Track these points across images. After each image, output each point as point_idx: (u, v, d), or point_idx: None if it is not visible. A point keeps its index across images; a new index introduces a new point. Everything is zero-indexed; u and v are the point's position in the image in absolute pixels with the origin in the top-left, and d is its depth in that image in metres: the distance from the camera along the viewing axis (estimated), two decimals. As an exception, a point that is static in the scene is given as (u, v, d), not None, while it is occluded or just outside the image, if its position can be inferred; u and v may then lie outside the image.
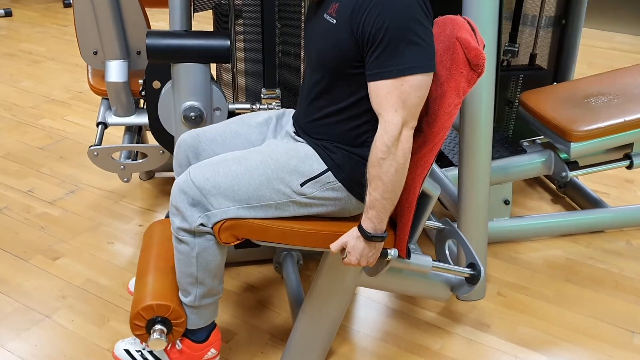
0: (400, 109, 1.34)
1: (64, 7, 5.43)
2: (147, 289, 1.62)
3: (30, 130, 3.24)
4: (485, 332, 2.00)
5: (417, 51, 1.34)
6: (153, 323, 1.58)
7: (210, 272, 1.56)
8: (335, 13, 1.42)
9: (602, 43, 4.85)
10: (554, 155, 2.33)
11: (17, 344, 1.89)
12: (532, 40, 2.67)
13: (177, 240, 1.53)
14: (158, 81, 1.99)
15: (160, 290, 1.62)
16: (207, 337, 1.66)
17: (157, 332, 1.57)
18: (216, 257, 1.54)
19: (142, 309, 1.57)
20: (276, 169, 1.49)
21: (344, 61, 1.42)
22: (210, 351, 1.67)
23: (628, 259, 2.38)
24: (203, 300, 1.59)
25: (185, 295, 1.60)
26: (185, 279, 1.57)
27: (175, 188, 1.49)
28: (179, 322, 1.60)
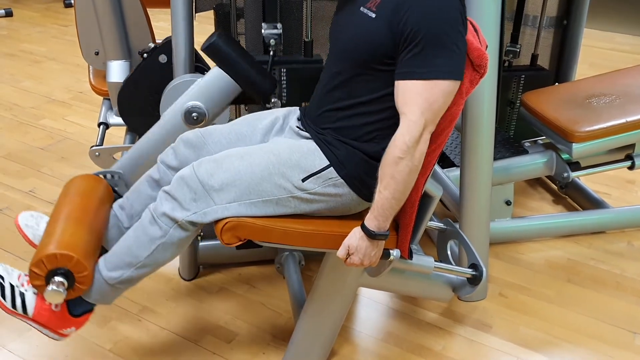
0: (427, 111, 1.36)
1: (64, 7, 5.43)
2: (69, 238, 1.50)
3: (31, 130, 3.24)
4: (487, 333, 2.00)
5: (452, 58, 1.36)
6: (56, 274, 1.46)
7: (155, 265, 1.54)
8: (376, 7, 1.43)
9: (603, 43, 4.85)
10: (556, 156, 2.33)
11: (19, 344, 1.89)
12: (534, 41, 2.67)
13: (152, 221, 1.50)
14: (165, 56, 1.98)
15: (83, 247, 1.51)
16: (81, 314, 1.57)
17: (59, 285, 1.45)
18: (172, 254, 1.54)
19: (61, 255, 1.44)
20: (278, 163, 1.49)
21: (375, 56, 1.43)
22: (71, 328, 1.57)
23: (629, 259, 2.38)
24: (120, 284, 1.55)
25: (110, 268, 1.54)
26: (127, 257, 1.53)
27: (177, 179, 1.49)
28: (80, 288, 1.50)
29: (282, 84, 2.15)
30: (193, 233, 1.52)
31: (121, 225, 1.70)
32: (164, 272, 2.22)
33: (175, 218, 1.48)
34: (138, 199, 1.70)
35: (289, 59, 2.17)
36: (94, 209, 1.66)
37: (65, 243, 1.48)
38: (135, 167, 1.88)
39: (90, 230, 1.58)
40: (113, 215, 1.72)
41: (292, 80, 2.13)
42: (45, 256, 1.45)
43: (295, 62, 2.16)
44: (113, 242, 1.65)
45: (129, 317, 2.01)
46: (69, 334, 1.57)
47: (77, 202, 1.65)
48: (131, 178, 1.87)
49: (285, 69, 2.12)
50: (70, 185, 1.74)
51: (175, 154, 1.66)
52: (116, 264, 1.54)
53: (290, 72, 2.12)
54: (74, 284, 1.49)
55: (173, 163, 1.66)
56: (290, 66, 2.12)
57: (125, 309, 2.04)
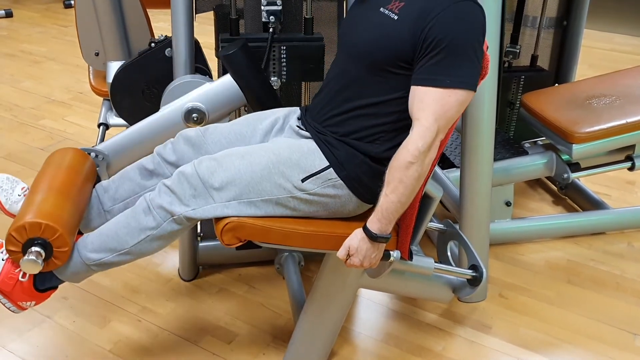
0: (440, 118, 1.36)
1: (64, 8, 5.43)
2: (54, 209, 1.45)
3: (31, 131, 3.24)
4: (487, 334, 2.00)
5: (471, 69, 1.38)
6: (34, 243, 1.41)
7: (138, 255, 1.53)
8: (398, 10, 1.44)
9: (602, 44, 4.85)
10: (556, 157, 2.33)
11: (19, 344, 1.89)
12: (534, 42, 2.67)
13: (147, 211, 1.50)
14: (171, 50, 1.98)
15: (67, 222, 1.46)
16: (45, 290, 1.54)
17: (36, 255, 1.40)
18: (158, 247, 1.53)
19: (46, 226, 1.39)
20: (278, 162, 1.49)
21: (392, 59, 1.43)
22: (31, 302, 1.53)
23: (629, 260, 2.38)
24: (96, 267, 1.53)
25: (90, 250, 1.52)
26: (112, 242, 1.51)
27: (178, 174, 1.49)
28: (55, 262, 1.45)
29: (282, 62, 2.13)
30: (185, 229, 1.52)
31: (101, 207, 1.68)
32: (163, 272, 2.23)
33: (172, 211, 1.48)
34: (125, 184, 1.68)
35: (289, 37, 2.14)
36: (79, 184, 1.61)
37: (50, 214, 1.43)
38: (122, 152, 1.86)
39: (75, 206, 1.53)
40: (94, 195, 1.69)
41: (292, 58, 2.11)
42: (28, 223, 1.39)
43: (296, 40, 2.14)
44: (90, 222, 1.64)
45: (129, 317, 2.01)
46: (27, 307, 1.53)
47: (63, 174, 1.59)
48: (114, 162, 1.86)
49: (285, 46, 2.10)
50: (57, 155, 1.69)
51: (173, 148, 1.66)
52: (99, 247, 1.52)
53: (290, 50, 2.09)
54: (50, 257, 1.44)
55: (170, 157, 1.65)
56: (290, 44, 2.10)
57: (125, 310, 2.04)
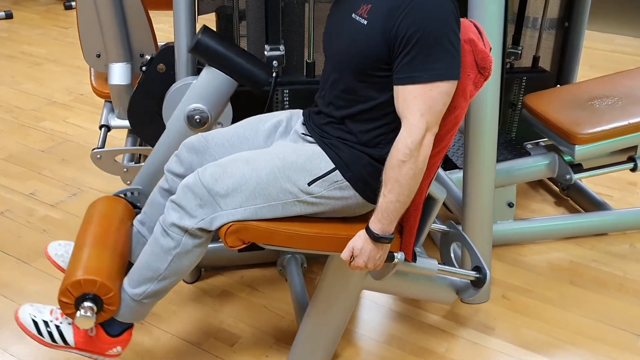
0: (427, 113, 1.35)
1: (64, 9, 5.42)
2: (91, 262, 1.53)
3: (32, 132, 3.24)
4: (490, 335, 2.00)
5: (448, 59, 1.35)
6: (84, 299, 1.48)
7: (176, 274, 1.55)
8: (367, 14, 1.42)
9: (604, 45, 4.85)
10: (558, 158, 2.33)
11: (20, 347, 1.89)
12: (535, 43, 2.66)
13: (163, 233, 1.50)
14: (164, 65, 1.98)
15: (106, 269, 1.53)
16: (121, 333, 1.59)
17: (87, 310, 1.47)
18: (191, 262, 1.54)
19: (84, 281, 1.47)
20: (283, 167, 1.49)
21: (371, 63, 1.42)
22: (116, 348, 1.60)
23: (632, 261, 2.37)
24: (147, 299, 1.56)
25: (133, 285, 1.55)
26: (147, 272, 1.53)
27: (182, 187, 1.48)
28: (110, 309, 1.52)
29: (285, 104, 2.16)
30: (206, 239, 1.52)
31: (144, 241, 1.70)
32: (166, 274, 2.22)
33: (184, 227, 1.47)
34: (154, 211, 1.71)
35: (292, 80, 2.19)
36: (115, 229, 1.68)
37: (88, 268, 1.51)
38: (153, 181, 1.90)
39: (113, 252, 1.61)
40: (135, 232, 1.74)
41: (294, 100, 2.15)
42: (70, 284, 1.48)
43: (298, 83, 2.17)
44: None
45: (131, 320, 2.01)
46: (117, 353, 1.60)
47: (97, 226, 1.68)
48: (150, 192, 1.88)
49: (288, 89, 2.13)
50: (91, 209, 1.78)
51: (179, 160, 1.67)
52: (138, 281, 1.55)
53: (292, 93, 2.13)
54: (102, 306, 1.51)
55: (179, 170, 1.66)
56: (293, 87, 2.13)
57: (127, 312, 2.04)
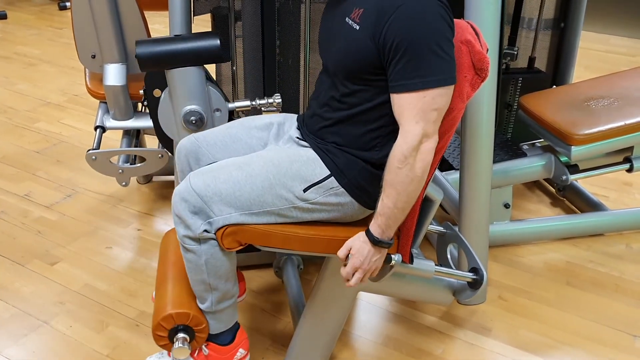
0: (422, 120, 1.34)
1: (59, 10, 5.41)
2: (165, 299, 1.62)
3: (27, 133, 3.22)
4: (487, 337, 1.99)
5: (441, 64, 1.33)
6: (175, 332, 1.59)
7: (222, 277, 1.55)
8: (359, 19, 1.41)
9: (599, 46, 4.86)
10: (554, 159, 2.33)
11: (15, 350, 1.87)
12: (531, 44, 2.67)
13: (184, 249, 1.52)
14: (159, 89, 1.97)
15: (178, 298, 1.62)
16: (233, 338, 1.67)
17: (179, 341, 1.58)
18: (224, 261, 1.54)
19: (162, 319, 1.57)
20: (278, 174, 1.48)
21: (364, 67, 1.41)
22: (239, 351, 1.68)
23: (628, 262, 2.37)
24: (220, 305, 1.60)
25: (202, 302, 1.60)
26: (199, 286, 1.57)
27: (176, 196, 1.48)
28: (200, 329, 1.61)
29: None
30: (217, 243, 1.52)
31: None
32: (161, 276, 2.21)
33: (193, 237, 1.48)
34: None
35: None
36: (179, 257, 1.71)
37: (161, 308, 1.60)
38: None
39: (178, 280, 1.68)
40: None
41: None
42: (154, 327, 1.59)
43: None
44: None
45: (127, 322, 2.00)
46: (244, 355, 1.70)
47: (172, 260, 1.75)
48: None
49: None
50: (162, 244, 1.88)
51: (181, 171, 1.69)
52: (201, 296, 1.60)
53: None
54: (193, 331, 1.60)
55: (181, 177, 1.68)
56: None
57: (122, 314, 2.03)
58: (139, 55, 1.78)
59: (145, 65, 1.81)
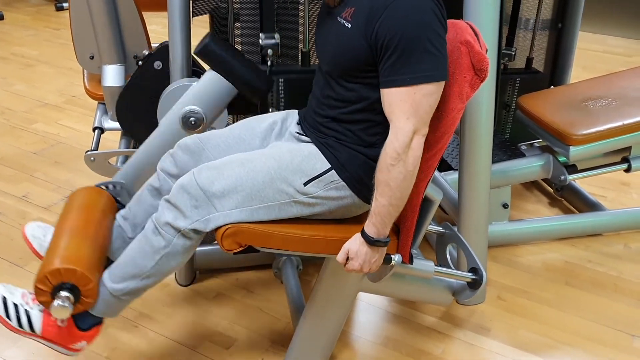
0: (412, 116, 1.34)
1: (56, 11, 5.39)
2: (72, 251, 1.50)
3: (24, 134, 3.21)
4: (486, 337, 2.00)
5: (431, 60, 1.34)
6: (62, 288, 1.45)
7: (161, 274, 1.53)
8: (351, 17, 1.42)
9: (596, 46, 4.87)
10: (553, 159, 2.33)
11: (14, 352, 1.87)
12: (529, 44, 2.67)
13: (155, 232, 1.49)
14: (161, 63, 1.97)
15: (87, 260, 1.50)
16: (90, 328, 1.56)
17: (64, 299, 1.44)
18: (178, 263, 1.53)
19: (65, 270, 1.44)
20: (279, 168, 1.48)
21: (357, 65, 1.42)
22: (82, 342, 1.56)
23: (626, 261, 2.38)
24: (126, 296, 1.54)
25: (115, 280, 1.53)
26: (132, 268, 1.52)
27: (177, 187, 1.47)
28: (86, 301, 1.49)
29: (280, 93, 2.15)
30: (196, 241, 1.51)
31: (125, 236, 1.69)
32: (160, 277, 2.21)
33: (178, 227, 1.46)
34: (140, 208, 1.69)
35: (287, 69, 2.18)
36: (97, 221, 1.65)
37: (69, 257, 1.48)
38: (137, 176, 1.88)
39: (94, 243, 1.57)
40: (117, 226, 1.71)
41: (290, 89, 2.14)
42: (49, 272, 1.44)
43: (293, 72, 2.16)
44: (118, 252, 1.63)
45: (126, 323, 2.00)
46: (80, 348, 1.57)
47: (79, 216, 1.64)
48: (134, 187, 1.87)
49: (283, 79, 2.12)
50: (73, 198, 1.74)
51: (174, 160, 1.65)
52: (121, 276, 1.53)
53: (288, 82, 2.13)
54: (80, 297, 1.48)
55: (172, 170, 1.65)
56: (288, 76, 2.12)
57: (121, 316, 2.01)
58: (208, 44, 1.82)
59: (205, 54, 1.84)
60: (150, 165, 1.84)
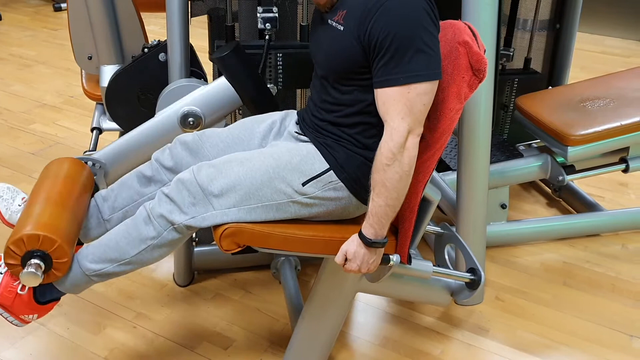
0: (407, 116, 1.34)
1: (54, 11, 5.39)
2: (52, 220, 1.45)
3: (22, 135, 3.21)
4: (485, 337, 2.00)
5: (424, 59, 1.34)
6: (33, 256, 1.40)
7: (139, 264, 1.52)
8: (343, 20, 1.42)
9: (593, 47, 4.88)
10: (551, 159, 2.34)
11: (12, 352, 1.87)
12: (527, 45, 2.67)
13: (147, 220, 1.48)
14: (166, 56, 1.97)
15: (65, 231, 1.45)
16: (47, 302, 1.52)
17: (35, 267, 1.38)
18: (160, 256, 1.52)
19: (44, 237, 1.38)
20: (277, 167, 1.48)
21: (352, 68, 1.42)
22: (32, 315, 1.51)
23: (624, 262, 2.38)
24: (97, 277, 1.52)
25: (91, 260, 1.50)
26: (112, 252, 1.50)
27: (176, 182, 1.47)
28: (55, 274, 1.44)
29: (279, 69, 2.13)
30: (185, 237, 1.51)
31: (100, 217, 1.67)
32: (158, 278, 2.21)
33: (172, 221, 1.46)
34: (124, 192, 1.67)
35: (285, 44, 2.15)
36: (77, 194, 1.60)
37: (48, 225, 1.42)
38: (119, 160, 1.85)
39: (73, 216, 1.53)
40: (93, 205, 1.68)
41: (288, 65, 2.11)
42: (26, 235, 1.38)
43: (292, 47, 2.13)
44: (89, 232, 1.63)
45: (124, 324, 2.00)
46: (30, 320, 1.51)
47: (60, 185, 1.58)
48: (112, 170, 1.85)
49: (282, 54, 2.10)
50: (53, 165, 1.68)
51: (171, 154, 1.65)
52: (99, 257, 1.50)
53: (286, 57, 2.10)
54: (50, 269, 1.43)
55: (168, 163, 1.65)
56: (286, 51, 2.10)
57: (120, 316, 2.02)
58: (229, 56, 1.83)
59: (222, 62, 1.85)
60: (137, 153, 1.83)
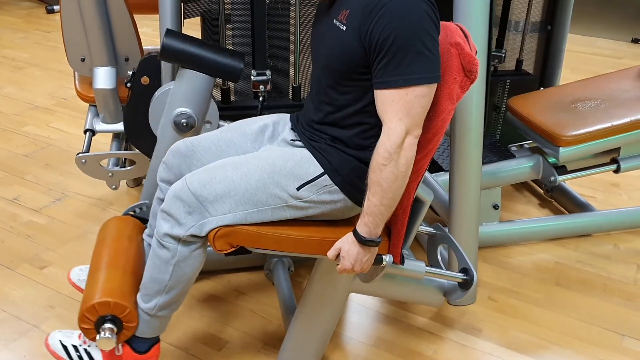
0: (405, 117, 1.35)
1: (46, 13, 5.37)
2: (104, 285, 1.57)
3: (15, 137, 3.20)
4: (478, 337, 2.01)
5: (424, 62, 1.34)
6: (103, 321, 1.53)
7: (182, 283, 1.55)
8: (346, 19, 1.42)
9: (585, 48, 4.91)
10: (542, 160, 2.35)
11: (5, 355, 1.86)
12: (519, 46, 2.69)
13: (159, 245, 1.51)
14: (147, 77, 1.96)
15: (119, 288, 1.57)
16: (148, 349, 1.63)
17: (107, 331, 1.52)
18: (193, 269, 1.54)
19: (98, 304, 1.52)
20: (272, 172, 1.48)
21: (352, 67, 1.42)
22: None
23: (615, 262, 2.40)
24: (161, 311, 1.58)
25: (145, 300, 1.57)
26: (153, 285, 1.55)
27: (170, 195, 1.47)
28: (130, 326, 1.56)
29: None
30: (202, 244, 1.52)
31: None
32: (152, 279, 2.21)
33: (176, 236, 1.47)
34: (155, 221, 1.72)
35: (278, 104, 2.19)
36: (124, 248, 1.72)
37: (101, 291, 1.55)
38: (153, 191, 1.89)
39: (124, 271, 1.64)
40: (146, 245, 1.77)
41: None
42: (85, 310, 1.52)
43: (284, 107, 2.17)
44: None
45: (118, 325, 1.99)
46: None
47: (107, 248, 1.72)
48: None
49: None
50: (100, 233, 1.83)
51: (167, 167, 1.67)
52: (149, 295, 1.57)
53: None
54: (122, 325, 1.56)
55: (168, 177, 1.67)
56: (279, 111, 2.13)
57: (113, 318, 2.02)
58: (166, 44, 1.79)
59: (166, 55, 1.82)
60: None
